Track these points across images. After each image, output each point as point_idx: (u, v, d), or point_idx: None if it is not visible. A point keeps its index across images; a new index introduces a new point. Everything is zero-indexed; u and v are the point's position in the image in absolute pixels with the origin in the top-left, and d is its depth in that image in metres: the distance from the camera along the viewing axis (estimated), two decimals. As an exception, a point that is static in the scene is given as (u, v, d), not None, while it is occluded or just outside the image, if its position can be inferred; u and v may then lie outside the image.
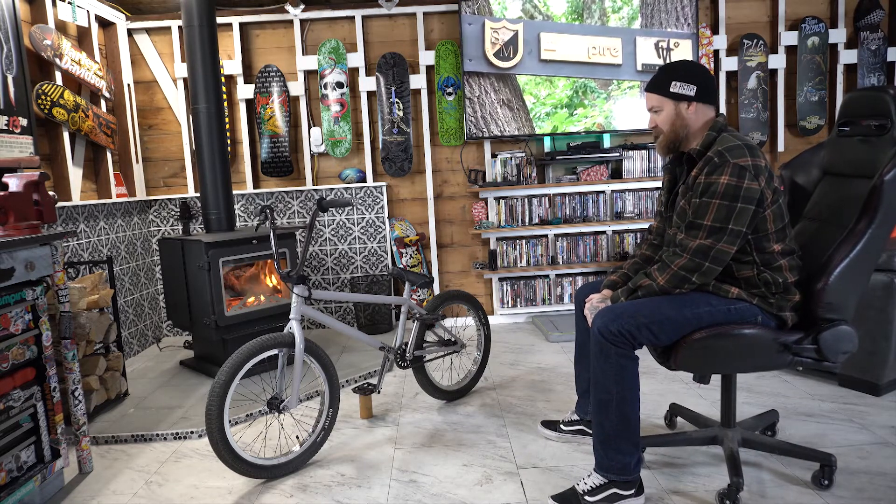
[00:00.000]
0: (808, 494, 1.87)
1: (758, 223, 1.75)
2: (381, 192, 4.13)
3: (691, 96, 1.83)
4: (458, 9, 3.95)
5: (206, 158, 3.31)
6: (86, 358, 2.68)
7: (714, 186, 1.72)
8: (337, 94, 4.07)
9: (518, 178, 4.09)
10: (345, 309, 4.24)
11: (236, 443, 2.05)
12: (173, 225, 4.10)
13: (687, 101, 1.84)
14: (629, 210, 4.15)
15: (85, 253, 3.31)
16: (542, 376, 3.08)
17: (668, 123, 1.88)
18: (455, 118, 4.12)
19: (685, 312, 1.76)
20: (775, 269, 1.78)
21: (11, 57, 2.80)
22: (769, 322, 1.80)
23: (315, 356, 2.28)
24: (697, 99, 1.83)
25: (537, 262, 4.17)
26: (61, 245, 2.14)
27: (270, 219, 2.32)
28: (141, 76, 4.07)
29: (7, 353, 1.90)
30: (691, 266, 1.75)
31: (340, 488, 2.07)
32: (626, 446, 1.78)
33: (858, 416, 2.41)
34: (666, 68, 1.88)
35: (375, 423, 2.60)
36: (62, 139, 3.22)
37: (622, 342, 1.74)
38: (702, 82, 1.83)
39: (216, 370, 2.74)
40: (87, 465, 2.27)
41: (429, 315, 2.69)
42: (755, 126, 4.20)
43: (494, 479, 2.07)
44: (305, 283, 2.26)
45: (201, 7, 3.21)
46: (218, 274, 3.06)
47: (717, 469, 2.04)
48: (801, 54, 4.16)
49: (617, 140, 4.23)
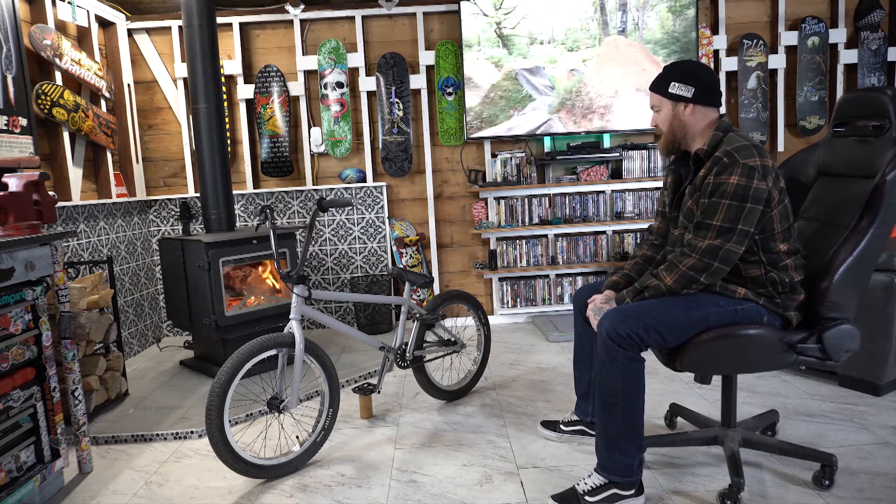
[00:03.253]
0: (809, 494, 1.87)
1: (765, 223, 1.75)
2: (381, 192, 4.13)
3: (688, 98, 1.83)
4: (457, 9, 3.95)
5: (206, 158, 3.31)
6: (86, 358, 2.68)
7: (724, 187, 1.71)
8: (337, 94, 4.07)
9: (518, 178, 4.09)
10: (345, 309, 4.24)
11: (236, 443, 2.05)
12: (173, 225, 4.09)
13: (684, 102, 1.84)
14: (629, 210, 4.15)
15: (85, 253, 3.30)
16: (542, 376, 3.08)
17: (667, 123, 1.89)
18: (455, 118, 4.12)
19: (693, 314, 1.76)
20: (781, 268, 1.78)
21: (11, 57, 2.80)
22: (774, 322, 1.80)
23: (315, 356, 2.28)
24: (695, 101, 1.83)
25: (537, 262, 4.17)
26: (61, 245, 2.14)
27: (270, 219, 2.32)
28: (141, 76, 4.07)
29: (7, 353, 1.90)
30: (700, 266, 1.75)
31: (340, 488, 2.07)
32: (630, 448, 1.77)
33: (859, 416, 2.41)
34: (668, 68, 1.89)
35: (375, 423, 2.60)
36: (62, 139, 3.22)
37: (630, 344, 1.73)
38: (701, 84, 1.83)
39: (216, 370, 2.74)
40: (87, 466, 2.27)
41: (429, 315, 2.68)
42: (755, 126, 4.20)
43: (494, 479, 2.06)
44: (305, 283, 2.26)
45: (201, 7, 3.21)
46: (218, 274, 3.06)
47: (718, 469, 2.04)
48: (801, 54, 4.16)
49: (617, 140, 4.23)
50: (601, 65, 4.02)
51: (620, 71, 4.03)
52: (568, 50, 3.99)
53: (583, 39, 3.99)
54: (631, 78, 4.02)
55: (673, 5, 3.93)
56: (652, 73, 3.91)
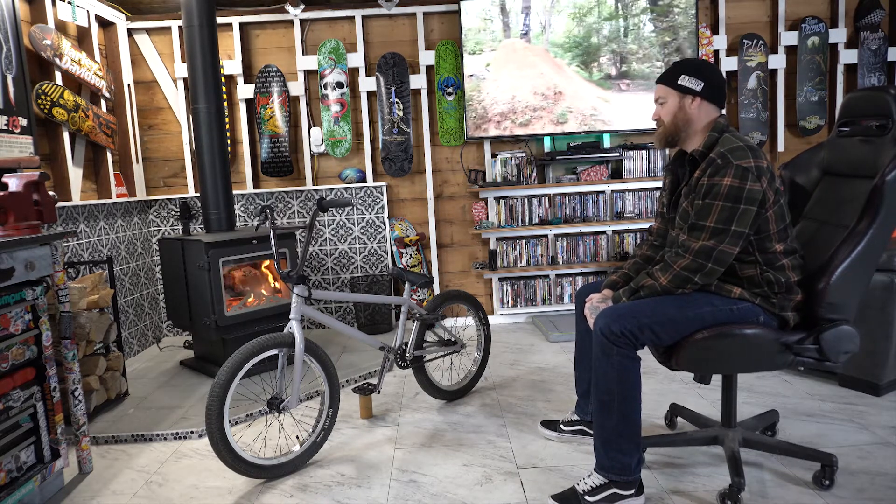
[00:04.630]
0: (809, 494, 1.87)
1: (760, 224, 1.76)
2: (381, 192, 4.13)
3: (697, 91, 1.85)
4: (457, 9, 3.95)
5: (206, 158, 3.31)
6: (86, 358, 2.68)
7: (717, 188, 1.72)
8: (337, 94, 4.07)
9: (518, 178, 4.09)
10: (345, 309, 4.24)
11: (236, 443, 2.05)
12: (173, 225, 4.09)
13: (692, 95, 1.85)
14: (629, 210, 4.15)
15: (85, 253, 3.30)
16: (542, 376, 3.08)
17: (671, 115, 1.89)
18: (455, 118, 4.12)
19: (687, 312, 1.76)
20: (778, 268, 1.78)
21: (11, 57, 2.79)
22: (771, 322, 1.80)
23: (315, 356, 2.28)
24: (703, 95, 1.85)
25: (537, 262, 4.17)
26: (61, 245, 2.14)
27: (270, 219, 2.32)
28: (141, 76, 4.07)
29: (7, 353, 1.90)
30: (694, 267, 1.75)
31: (340, 488, 2.07)
32: (628, 446, 1.78)
33: (859, 416, 2.41)
34: (678, 62, 1.92)
35: (375, 423, 2.60)
36: (62, 139, 3.22)
37: (624, 342, 1.74)
38: (710, 81, 1.85)
39: (216, 370, 2.74)
40: (87, 465, 2.27)
41: (429, 315, 2.68)
42: (755, 126, 4.20)
43: (494, 479, 2.06)
44: (305, 283, 2.26)
45: (201, 7, 3.21)
46: (218, 274, 3.06)
47: (718, 469, 2.04)
48: (801, 54, 4.15)
49: (617, 140, 4.23)
50: (499, 69, 3.95)
51: (518, 74, 3.94)
52: (469, 53, 3.94)
53: (486, 42, 3.92)
54: (528, 82, 3.93)
55: (575, 12, 3.86)
56: (550, 77, 3.86)
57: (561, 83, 3.92)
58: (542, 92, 3.92)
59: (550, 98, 3.91)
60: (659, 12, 3.86)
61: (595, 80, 3.95)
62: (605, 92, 3.96)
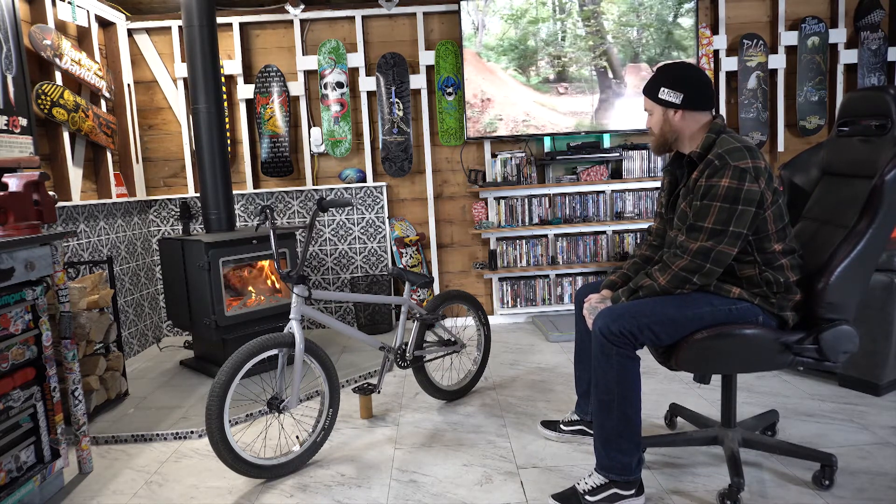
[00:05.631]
0: (809, 494, 1.87)
1: (758, 224, 1.76)
2: (381, 192, 4.13)
3: (677, 104, 1.84)
4: (457, 9, 3.95)
5: (206, 158, 3.31)
6: (86, 358, 2.68)
7: (715, 189, 1.72)
8: (337, 94, 4.07)
9: (518, 178, 4.09)
10: (345, 309, 4.24)
11: (236, 443, 2.05)
12: (173, 225, 4.10)
13: (674, 108, 1.85)
14: (629, 210, 4.15)
15: (85, 253, 3.30)
16: (542, 376, 3.08)
17: (657, 127, 1.92)
18: (455, 118, 4.12)
19: (686, 312, 1.76)
20: (777, 268, 1.78)
21: (11, 57, 2.80)
22: (770, 322, 1.80)
23: (315, 356, 2.28)
24: (684, 107, 1.84)
25: (537, 262, 4.17)
26: (61, 245, 2.14)
27: (270, 219, 2.32)
28: (141, 76, 4.07)
29: (7, 353, 1.90)
30: (692, 267, 1.75)
31: (340, 488, 2.07)
32: (628, 446, 1.78)
33: (859, 416, 2.41)
34: (659, 71, 1.90)
35: (375, 423, 2.60)
36: (62, 139, 3.22)
37: (624, 342, 1.74)
38: (691, 90, 1.83)
39: (216, 370, 2.74)
40: (87, 465, 2.27)
41: (429, 315, 2.69)
42: (755, 126, 4.20)
43: (494, 479, 2.06)
44: (305, 283, 2.26)
45: (201, 7, 3.21)
46: (218, 274, 3.06)
47: (718, 469, 2.04)
48: (801, 54, 4.15)
49: (617, 140, 4.23)
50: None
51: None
52: None
53: None
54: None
55: (507, 15, 3.85)
56: (473, 80, 3.90)
57: (490, 89, 3.94)
58: (468, 100, 3.96)
59: (477, 107, 3.95)
60: (584, 17, 3.87)
61: (533, 85, 3.95)
62: (543, 96, 3.96)
